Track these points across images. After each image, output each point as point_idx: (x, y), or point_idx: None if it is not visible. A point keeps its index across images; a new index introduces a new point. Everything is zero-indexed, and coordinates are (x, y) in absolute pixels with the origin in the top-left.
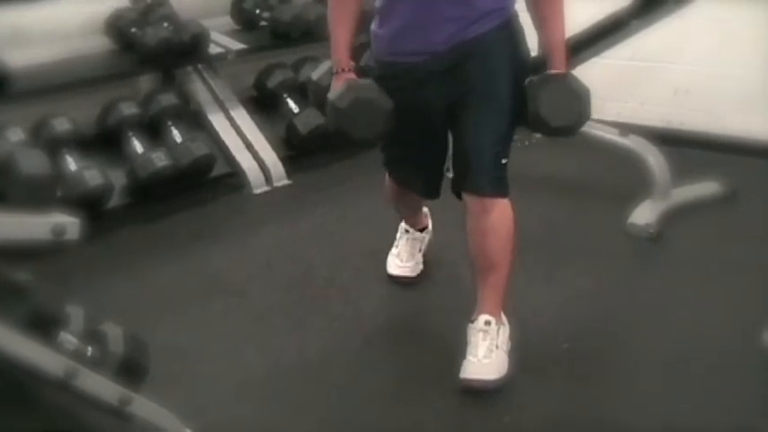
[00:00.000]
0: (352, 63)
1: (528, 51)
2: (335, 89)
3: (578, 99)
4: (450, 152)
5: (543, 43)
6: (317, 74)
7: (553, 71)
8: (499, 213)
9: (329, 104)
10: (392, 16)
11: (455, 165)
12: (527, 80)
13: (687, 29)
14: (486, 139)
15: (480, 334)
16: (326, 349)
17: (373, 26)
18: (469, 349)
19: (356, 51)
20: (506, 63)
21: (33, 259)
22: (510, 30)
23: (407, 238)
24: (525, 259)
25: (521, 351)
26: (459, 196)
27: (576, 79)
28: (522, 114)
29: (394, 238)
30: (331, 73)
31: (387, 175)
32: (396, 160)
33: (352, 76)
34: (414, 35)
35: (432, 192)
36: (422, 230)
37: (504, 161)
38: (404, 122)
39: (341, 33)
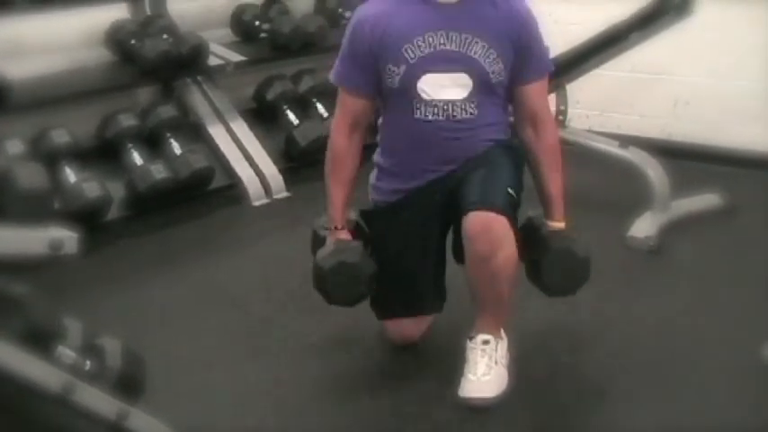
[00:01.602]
0: (344, 221)
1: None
2: (325, 246)
3: (580, 265)
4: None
5: (541, 194)
6: (318, 223)
7: (552, 224)
8: (504, 258)
9: (314, 263)
10: (393, 170)
11: (454, 219)
12: (528, 235)
13: (687, 41)
14: (487, 180)
15: (479, 352)
16: (324, 363)
17: (372, 178)
18: (468, 367)
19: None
20: (501, 149)
21: (31, 272)
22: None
23: None
24: (524, 271)
25: (520, 364)
26: (459, 260)
27: (577, 241)
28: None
29: None
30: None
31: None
32: (389, 302)
33: (345, 234)
34: (416, 180)
35: (438, 304)
36: None
37: (509, 190)
38: (406, 249)
39: (336, 192)
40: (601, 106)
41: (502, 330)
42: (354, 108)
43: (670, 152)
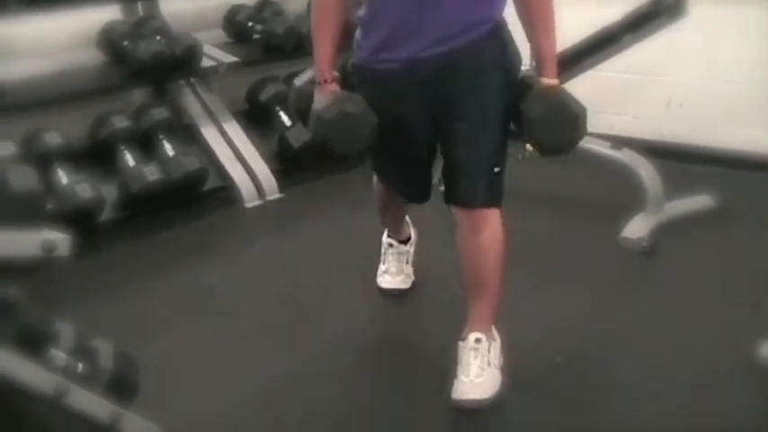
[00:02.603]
0: (335, 74)
1: (518, 55)
2: (319, 100)
3: (576, 119)
4: (438, 161)
5: (534, 51)
6: (299, 80)
7: (545, 81)
8: (490, 233)
9: (314, 115)
10: (376, 25)
11: (445, 177)
12: (522, 93)
13: (680, 42)
14: (476, 150)
15: (471, 352)
16: (318, 366)
17: (357, 35)
18: (461, 368)
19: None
20: (495, 70)
21: (23, 275)
22: (497, 37)
23: (392, 253)
24: (517, 273)
25: (513, 366)
26: (447, 201)
27: (571, 97)
28: (515, 124)
29: None
30: (313, 81)
31: (375, 177)
32: (383, 165)
33: (335, 87)
34: (397, 43)
35: (421, 196)
36: (405, 242)
37: (496, 170)
38: (387, 130)
39: (324, 43)
40: (594, 107)
41: (494, 331)
42: None
43: (663, 153)
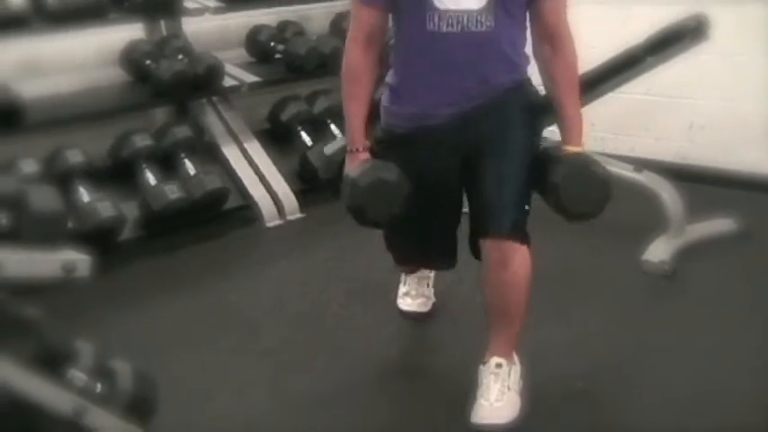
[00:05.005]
0: (366, 142)
1: (541, 99)
2: (353, 168)
3: (602, 184)
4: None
5: (559, 118)
6: (330, 149)
7: (570, 148)
8: (518, 265)
9: (349, 181)
10: (406, 91)
11: (473, 215)
12: (547, 161)
13: (702, 64)
14: (506, 182)
15: (492, 376)
16: (336, 387)
17: (384, 101)
18: (481, 392)
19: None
20: (521, 111)
21: (44, 294)
22: (523, 87)
23: (413, 276)
24: (538, 297)
25: (533, 390)
26: (476, 255)
27: (596, 162)
28: (540, 191)
29: None
30: (344, 149)
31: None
32: (405, 239)
33: (367, 155)
34: (426, 107)
35: (447, 261)
36: None
37: (526, 207)
38: (418, 192)
39: (355, 112)
40: (615, 129)
41: (515, 356)
42: (370, 21)
43: (685, 176)
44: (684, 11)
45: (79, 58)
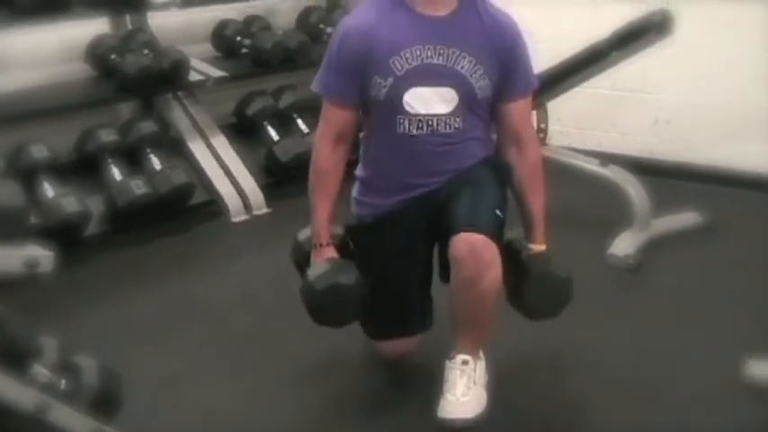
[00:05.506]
0: (330, 238)
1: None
2: (314, 264)
3: (563, 286)
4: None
5: (522, 215)
6: (302, 234)
7: (533, 247)
8: (491, 279)
9: (306, 283)
10: (379, 181)
11: (444, 234)
12: (510, 259)
13: (668, 59)
14: (476, 202)
15: (458, 372)
16: (304, 379)
17: (354, 192)
18: (447, 387)
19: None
20: (485, 165)
21: (6, 289)
22: (488, 157)
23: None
24: (505, 295)
25: (498, 383)
26: (445, 279)
27: (558, 263)
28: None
29: None
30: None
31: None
32: (380, 315)
33: (331, 250)
34: (399, 192)
35: (423, 323)
36: None
37: (498, 212)
38: (390, 275)
39: (321, 207)
40: (582, 124)
41: (481, 351)
42: (340, 120)
43: (651, 170)
44: (649, 8)
45: (44, 52)
